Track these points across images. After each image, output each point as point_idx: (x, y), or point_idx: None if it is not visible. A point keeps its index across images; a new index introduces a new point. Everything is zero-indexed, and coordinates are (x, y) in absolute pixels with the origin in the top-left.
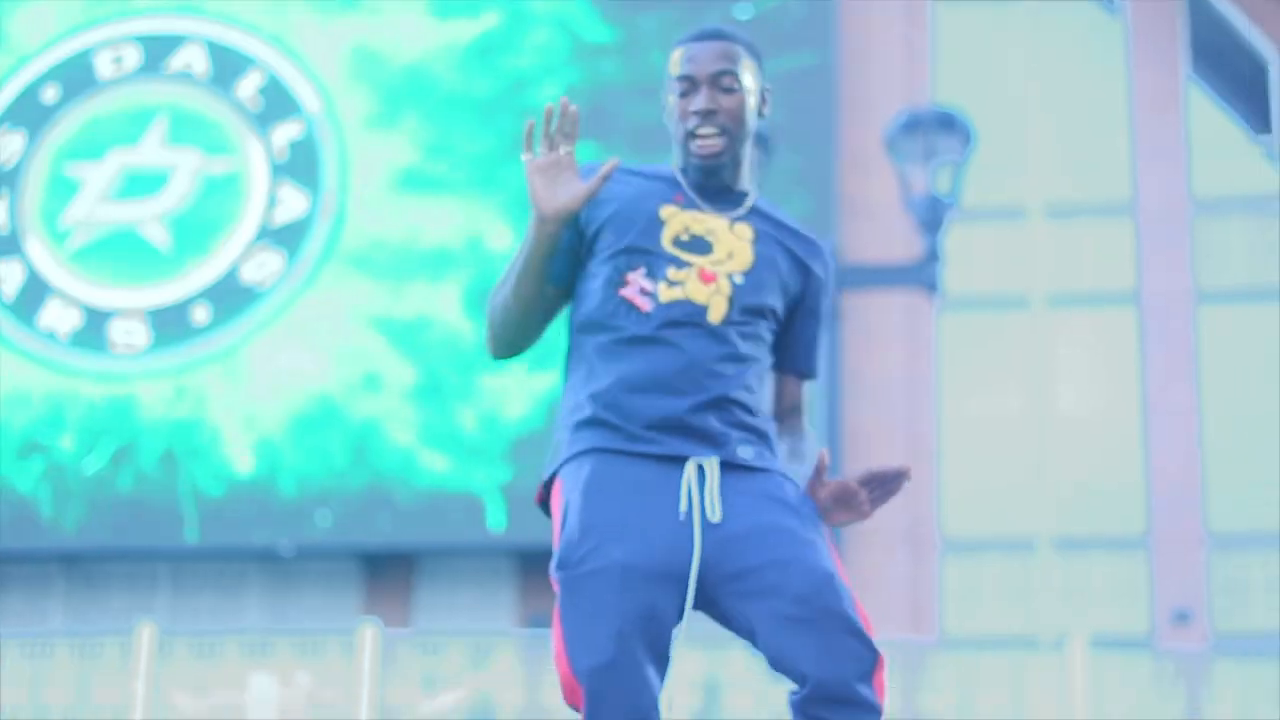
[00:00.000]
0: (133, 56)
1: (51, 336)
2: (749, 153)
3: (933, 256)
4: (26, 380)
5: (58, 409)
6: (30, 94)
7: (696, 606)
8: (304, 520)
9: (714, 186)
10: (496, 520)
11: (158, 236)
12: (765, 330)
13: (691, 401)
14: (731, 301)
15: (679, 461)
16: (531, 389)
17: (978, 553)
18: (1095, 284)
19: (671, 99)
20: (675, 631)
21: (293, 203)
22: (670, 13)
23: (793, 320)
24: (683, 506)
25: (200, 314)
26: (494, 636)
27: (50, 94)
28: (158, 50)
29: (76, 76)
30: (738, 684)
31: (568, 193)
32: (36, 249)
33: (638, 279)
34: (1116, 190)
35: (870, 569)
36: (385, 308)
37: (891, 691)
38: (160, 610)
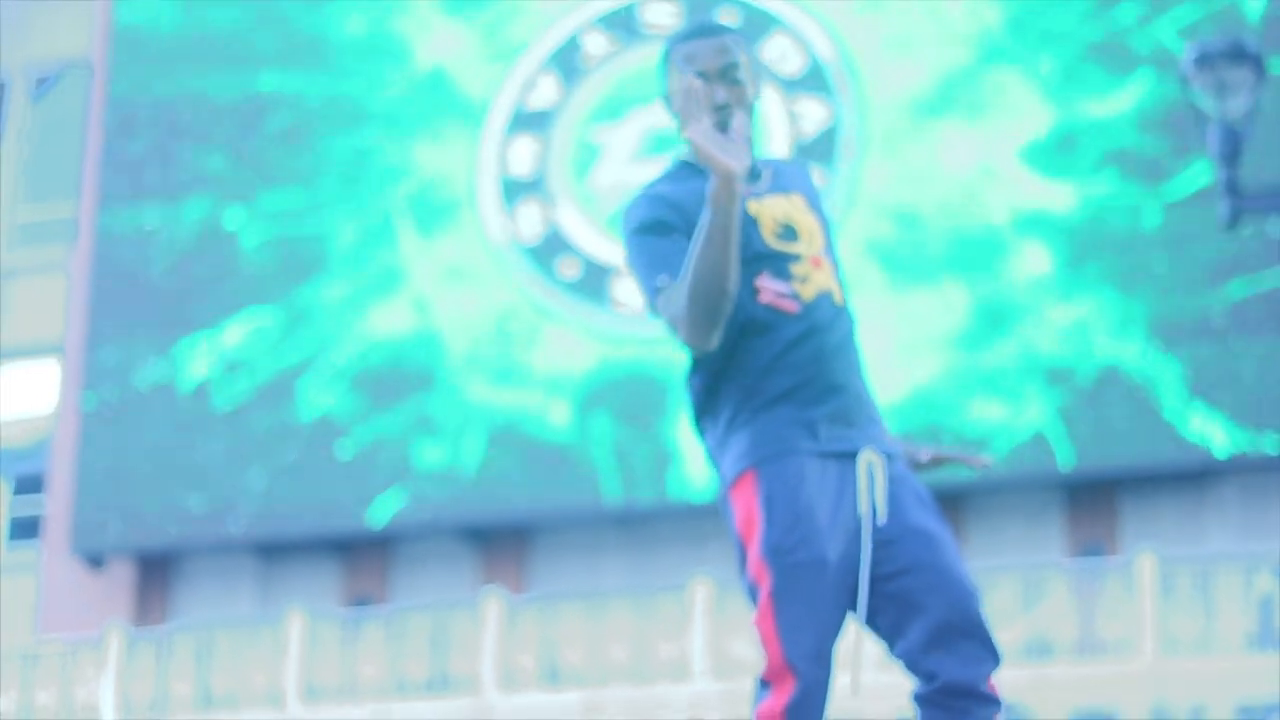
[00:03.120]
0: (672, 12)
1: (569, 286)
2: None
3: None
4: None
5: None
6: (572, 44)
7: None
8: None
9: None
10: (1065, 456)
11: None
12: None
13: (852, 392)
14: (838, 279)
15: (852, 457)
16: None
17: None
18: None
19: (689, 85)
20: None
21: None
22: None
23: None
24: (863, 508)
25: None
26: (1045, 570)
27: (591, 46)
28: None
29: (617, 28)
30: None
31: (737, 149)
32: (566, 208)
33: (768, 284)
34: None
35: None
36: None
37: None
38: (713, 562)
